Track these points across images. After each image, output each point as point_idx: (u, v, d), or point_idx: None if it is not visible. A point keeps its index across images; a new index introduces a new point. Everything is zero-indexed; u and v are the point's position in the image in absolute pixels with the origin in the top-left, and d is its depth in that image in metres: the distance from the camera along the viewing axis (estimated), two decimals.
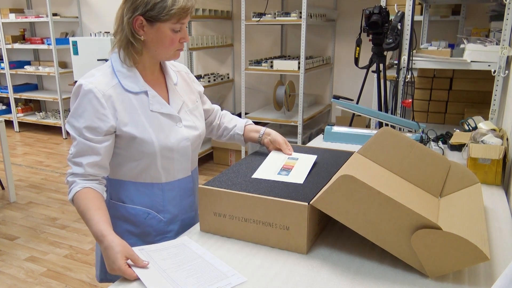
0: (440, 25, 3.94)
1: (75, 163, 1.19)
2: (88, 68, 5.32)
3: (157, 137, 1.24)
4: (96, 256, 1.45)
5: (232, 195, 1.15)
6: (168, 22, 1.18)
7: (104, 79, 1.21)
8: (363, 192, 1.00)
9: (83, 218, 1.16)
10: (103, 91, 1.18)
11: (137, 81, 1.24)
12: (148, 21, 1.18)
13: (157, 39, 1.21)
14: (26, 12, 5.96)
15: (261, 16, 4.06)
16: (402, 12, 2.46)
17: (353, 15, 4.42)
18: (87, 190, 1.18)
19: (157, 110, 1.26)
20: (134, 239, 1.34)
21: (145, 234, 1.34)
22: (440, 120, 2.84)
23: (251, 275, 1.02)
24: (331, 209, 1.05)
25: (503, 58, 2.17)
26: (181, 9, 1.18)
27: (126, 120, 1.21)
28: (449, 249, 0.95)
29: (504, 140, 1.67)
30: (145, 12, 1.17)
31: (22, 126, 6.27)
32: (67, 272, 2.62)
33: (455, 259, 0.95)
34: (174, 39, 1.21)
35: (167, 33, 1.20)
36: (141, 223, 1.33)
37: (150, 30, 1.20)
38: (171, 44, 1.22)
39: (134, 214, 1.32)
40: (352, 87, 4.57)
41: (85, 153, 1.18)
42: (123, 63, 1.24)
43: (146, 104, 1.25)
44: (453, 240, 0.94)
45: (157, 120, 1.26)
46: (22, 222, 3.30)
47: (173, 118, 1.29)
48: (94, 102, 1.17)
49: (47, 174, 4.39)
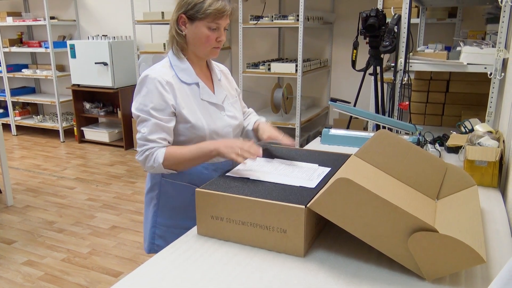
0: (437, 28, 3.95)
1: (149, 140, 1.38)
2: (86, 72, 5.33)
3: (207, 122, 1.45)
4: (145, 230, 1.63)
5: (229, 198, 1.16)
6: (204, 20, 1.38)
7: (165, 71, 1.43)
8: (360, 195, 1.01)
9: (185, 160, 1.39)
10: (165, 79, 1.40)
11: (190, 74, 1.46)
12: (189, 18, 1.40)
13: (195, 35, 1.42)
14: (23, 15, 5.96)
15: (259, 19, 4.07)
16: (399, 15, 2.47)
17: (350, 18, 4.43)
18: (169, 148, 1.40)
19: (206, 99, 1.47)
20: (181, 214, 1.52)
21: (190, 209, 1.46)
22: (437, 123, 2.84)
23: (248, 278, 1.02)
24: (328, 212, 1.05)
25: (499, 61, 2.18)
26: (217, 10, 1.37)
27: (183, 104, 1.42)
28: (445, 252, 0.95)
29: (500, 142, 1.68)
30: (186, 10, 1.39)
31: (19, 130, 6.26)
32: (64, 276, 2.61)
33: (452, 262, 0.96)
34: (210, 36, 1.41)
35: (204, 30, 1.40)
36: (187, 199, 1.50)
37: (190, 27, 1.41)
38: (207, 41, 1.41)
39: (181, 190, 1.50)
40: (350, 89, 4.58)
41: (157, 130, 1.38)
42: (177, 57, 1.46)
43: (197, 94, 1.46)
44: (450, 242, 0.94)
45: (206, 108, 1.47)
46: (19, 226, 3.29)
47: (218, 107, 1.50)
48: (159, 88, 1.38)
49: (45, 177, 4.38)
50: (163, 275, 1.04)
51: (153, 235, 1.57)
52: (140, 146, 1.41)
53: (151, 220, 1.57)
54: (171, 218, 1.55)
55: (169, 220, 1.55)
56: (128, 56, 5.27)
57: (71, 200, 3.79)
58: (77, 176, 4.42)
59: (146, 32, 5.40)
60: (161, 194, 1.54)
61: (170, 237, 1.54)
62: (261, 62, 4.32)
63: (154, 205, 1.56)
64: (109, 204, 3.71)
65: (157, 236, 1.57)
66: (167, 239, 1.55)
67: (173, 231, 1.54)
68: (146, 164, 1.41)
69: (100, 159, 4.97)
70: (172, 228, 1.55)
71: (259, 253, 1.13)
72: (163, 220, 1.56)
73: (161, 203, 1.55)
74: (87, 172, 4.54)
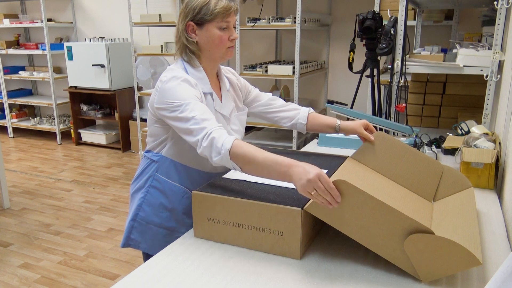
0: (433, 30, 3.96)
1: (206, 119, 1.24)
2: (83, 73, 5.29)
3: None
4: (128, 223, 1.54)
5: (226, 201, 1.16)
6: (214, 21, 1.34)
7: (187, 75, 1.35)
8: (356, 197, 1.01)
9: (253, 163, 1.15)
10: (192, 80, 1.34)
11: (206, 83, 1.41)
12: (198, 24, 1.36)
13: (208, 39, 1.37)
14: (20, 17, 5.95)
15: (256, 21, 4.08)
16: (395, 17, 2.48)
17: (347, 20, 4.44)
18: (240, 140, 1.20)
19: (219, 110, 1.44)
20: (166, 213, 1.48)
21: (176, 211, 1.47)
22: (433, 124, 2.85)
23: (244, 280, 1.02)
24: (324, 214, 1.06)
25: (495, 63, 2.19)
26: (224, 8, 1.33)
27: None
28: (441, 254, 0.95)
29: (496, 144, 1.68)
30: (193, 16, 1.35)
31: (16, 132, 6.24)
32: (61, 278, 2.60)
33: (448, 264, 0.96)
34: (222, 36, 1.36)
35: (215, 31, 1.35)
36: (176, 200, 1.47)
37: (201, 32, 1.37)
38: (220, 42, 1.37)
39: (174, 190, 1.46)
40: (346, 91, 4.59)
41: (206, 111, 1.26)
42: (192, 65, 1.40)
43: (211, 104, 1.42)
44: (446, 244, 0.94)
45: (219, 119, 1.43)
46: (15, 229, 3.28)
47: (226, 119, 1.47)
48: (190, 85, 1.32)
49: (42, 180, 4.37)
50: (160, 278, 1.04)
51: (130, 228, 1.51)
52: (200, 132, 1.21)
53: (133, 213, 1.51)
54: (154, 215, 1.48)
55: (151, 216, 1.49)
56: (125, 58, 5.27)
57: (68, 203, 3.78)
58: (74, 178, 4.41)
59: (144, 34, 5.39)
60: (150, 189, 1.48)
61: (147, 233, 1.49)
62: (258, 64, 4.32)
63: (139, 199, 1.50)
64: (106, 206, 3.70)
65: (134, 230, 1.51)
66: (144, 235, 1.49)
67: (152, 228, 1.48)
68: (213, 151, 1.19)
69: (97, 161, 4.96)
70: (151, 225, 1.49)
71: (255, 255, 1.13)
72: (145, 216, 1.49)
73: (148, 198, 1.49)
74: (84, 174, 4.53)
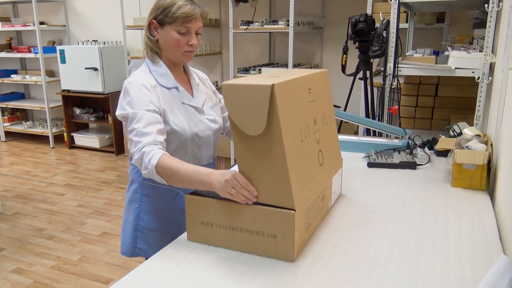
0: (425, 33, 3.99)
1: (145, 133, 1.29)
2: (76, 77, 5.27)
3: (188, 125, 1.45)
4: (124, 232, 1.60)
5: (219, 204, 1.15)
6: (173, 24, 1.39)
7: (146, 77, 1.43)
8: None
9: (177, 176, 1.21)
10: (149, 83, 1.40)
11: (169, 78, 1.46)
12: (159, 23, 1.41)
13: (166, 40, 1.42)
14: (12, 20, 5.91)
15: (249, 24, 4.08)
16: (388, 20, 2.49)
17: (339, 23, 4.46)
18: (167, 156, 1.26)
19: (187, 102, 1.48)
20: (164, 218, 1.53)
21: (173, 213, 1.53)
22: (426, 126, 2.87)
23: (238, 283, 1.02)
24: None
25: (487, 65, 2.21)
26: (185, 14, 1.37)
27: (166, 107, 1.41)
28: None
29: (488, 145, 1.69)
30: (157, 16, 1.41)
31: (8, 136, 6.19)
32: (54, 283, 2.58)
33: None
34: (180, 40, 1.41)
35: (173, 34, 1.40)
36: (170, 202, 1.53)
37: (161, 31, 1.42)
38: (177, 45, 1.41)
39: (164, 193, 1.51)
40: (340, 94, 4.60)
41: (152, 122, 1.32)
42: (153, 62, 1.46)
43: (178, 98, 1.47)
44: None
45: (187, 111, 1.47)
46: (8, 233, 3.25)
47: (199, 110, 1.50)
48: (145, 90, 1.37)
49: (34, 184, 4.33)
50: (153, 282, 1.04)
51: (135, 238, 1.55)
52: (136, 144, 1.28)
53: (133, 224, 1.55)
54: (153, 222, 1.54)
55: (151, 223, 1.54)
56: (118, 61, 5.25)
57: (61, 207, 3.75)
58: (67, 182, 4.38)
59: (137, 37, 5.38)
60: (143, 197, 1.53)
61: (153, 241, 1.54)
62: (252, 67, 4.33)
63: (135, 208, 1.54)
64: (99, 210, 3.68)
65: (139, 240, 1.55)
66: (150, 243, 1.54)
67: (154, 235, 1.54)
68: (142, 165, 1.26)
69: (90, 165, 4.94)
70: (153, 232, 1.54)
71: (249, 258, 1.13)
72: (146, 224, 1.54)
73: (143, 206, 1.54)
74: (77, 178, 4.50)
